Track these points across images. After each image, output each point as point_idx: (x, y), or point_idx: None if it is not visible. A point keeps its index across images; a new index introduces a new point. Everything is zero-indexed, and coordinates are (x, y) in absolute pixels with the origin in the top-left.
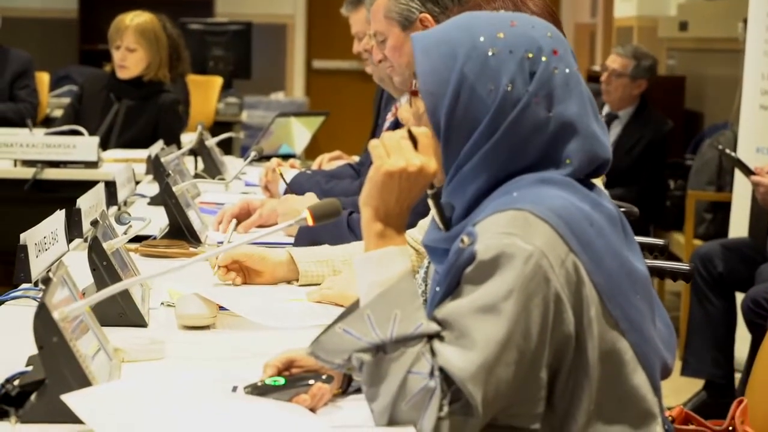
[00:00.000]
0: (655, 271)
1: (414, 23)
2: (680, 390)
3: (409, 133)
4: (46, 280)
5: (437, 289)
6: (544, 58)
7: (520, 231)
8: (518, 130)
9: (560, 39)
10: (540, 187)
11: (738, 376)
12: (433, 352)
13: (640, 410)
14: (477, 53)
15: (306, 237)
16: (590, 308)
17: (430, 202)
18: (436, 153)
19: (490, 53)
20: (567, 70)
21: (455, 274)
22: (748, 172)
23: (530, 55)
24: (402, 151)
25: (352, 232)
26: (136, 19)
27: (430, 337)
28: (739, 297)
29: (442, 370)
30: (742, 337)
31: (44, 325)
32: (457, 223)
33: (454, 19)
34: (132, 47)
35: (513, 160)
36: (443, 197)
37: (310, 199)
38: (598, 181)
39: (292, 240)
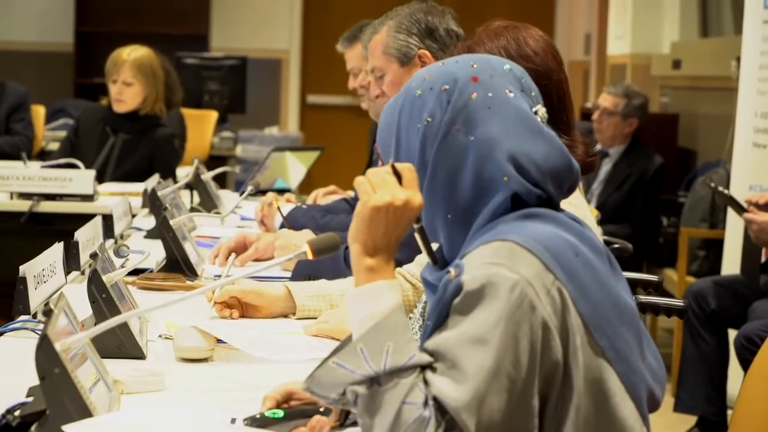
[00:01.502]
0: (649, 307)
1: (413, 59)
2: (673, 426)
3: (393, 168)
4: (48, 312)
5: (428, 322)
6: (459, 87)
7: (506, 261)
8: (444, 159)
9: (485, 68)
10: (525, 221)
11: (731, 412)
12: (426, 382)
13: None
14: (409, 98)
15: (303, 271)
16: (576, 337)
17: (417, 237)
18: None
19: (416, 94)
20: (489, 94)
21: (444, 306)
22: (740, 209)
23: (446, 87)
24: (387, 186)
25: (349, 267)
26: (133, 53)
27: (423, 367)
28: (732, 334)
29: (435, 399)
30: (735, 374)
31: (46, 356)
32: (449, 258)
33: None
34: (129, 81)
35: (454, 190)
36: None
37: (307, 234)
38: (591, 218)
39: (288, 274)
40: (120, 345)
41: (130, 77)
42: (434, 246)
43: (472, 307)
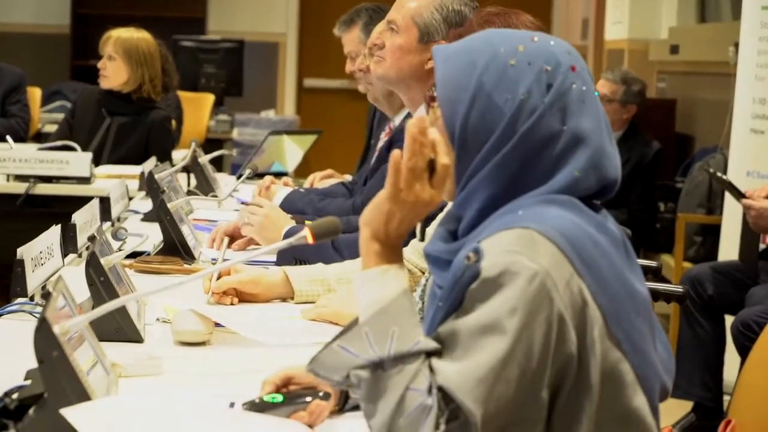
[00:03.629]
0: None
1: (430, 44)
2: (669, 411)
3: (431, 162)
4: (47, 295)
5: (439, 304)
6: (562, 72)
7: (526, 249)
8: (532, 139)
9: (578, 57)
10: (545, 207)
11: (727, 398)
12: (432, 369)
13: (640, 430)
14: (496, 63)
15: (289, 254)
16: (593, 329)
17: None
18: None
19: (509, 63)
20: (584, 88)
21: (459, 291)
22: (739, 195)
23: (548, 68)
24: (416, 183)
25: (338, 253)
26: (123, 33)
27: (429, 354)
28: (729, 320)
29: (441, 388)
30: (732, 360)
31: (45, 339)
32: (464, 233)
33: (476, 34)
34: (111, 55)
35: (524, 171)
36: (453, 207)
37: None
38: None
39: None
40: (118, 328)
41: (112, 51)
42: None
43: (489, 295)
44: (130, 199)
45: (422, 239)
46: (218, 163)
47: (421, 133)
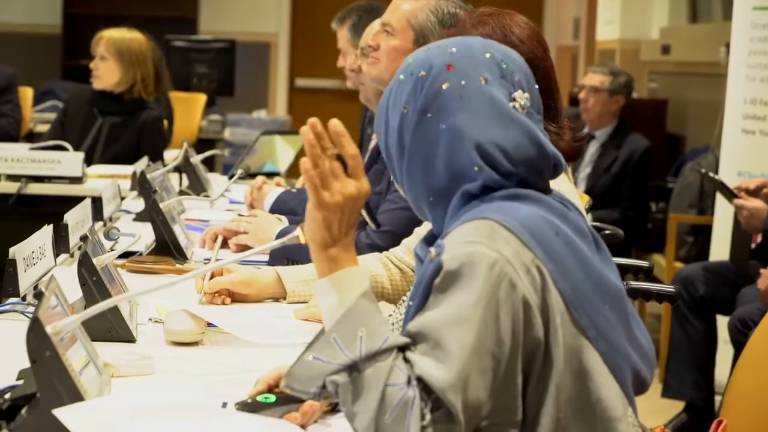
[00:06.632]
0: (640, 293)
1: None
2: (660, 412)
3: (339, 156)
4: (39, 295)
5: (410, 303)
6: (432, 75)
7: (485, 239)
8: (418, 147)
9: (464, 53)
10: (508, 202)
11: (718, 398)
12: (407, 361)
13: (608, 418)
14: (395, 82)
15: (280, 254)
16: (556, 315)
17: (362, 211)
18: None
19: (401, 79)
20: (462, 82)
21: (425, 287)
22: (731, 195)
23: (423, 74)
24: (333, 182)
25: None
26: (115, 33)
27: (402, 348)
28: (720, 320)
29: (420, 379)
30: (723, 360)
31: (37, 339)
32: (434, 236)
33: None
34: (104, 56)
35: (430, 176)
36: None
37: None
38: (580, 202)
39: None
40: (110, 328)
41: (104, 52)
42: (428, 226)
43: (452, 287)
44: (122, 198)
45: (378, 226)
46: (210, 163)
47: (318, 138)
